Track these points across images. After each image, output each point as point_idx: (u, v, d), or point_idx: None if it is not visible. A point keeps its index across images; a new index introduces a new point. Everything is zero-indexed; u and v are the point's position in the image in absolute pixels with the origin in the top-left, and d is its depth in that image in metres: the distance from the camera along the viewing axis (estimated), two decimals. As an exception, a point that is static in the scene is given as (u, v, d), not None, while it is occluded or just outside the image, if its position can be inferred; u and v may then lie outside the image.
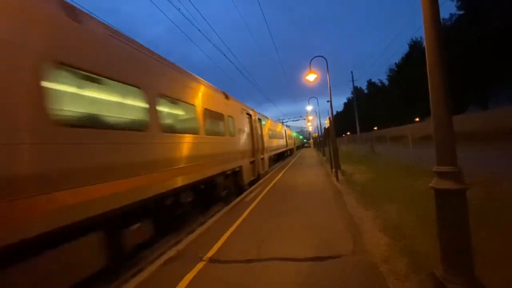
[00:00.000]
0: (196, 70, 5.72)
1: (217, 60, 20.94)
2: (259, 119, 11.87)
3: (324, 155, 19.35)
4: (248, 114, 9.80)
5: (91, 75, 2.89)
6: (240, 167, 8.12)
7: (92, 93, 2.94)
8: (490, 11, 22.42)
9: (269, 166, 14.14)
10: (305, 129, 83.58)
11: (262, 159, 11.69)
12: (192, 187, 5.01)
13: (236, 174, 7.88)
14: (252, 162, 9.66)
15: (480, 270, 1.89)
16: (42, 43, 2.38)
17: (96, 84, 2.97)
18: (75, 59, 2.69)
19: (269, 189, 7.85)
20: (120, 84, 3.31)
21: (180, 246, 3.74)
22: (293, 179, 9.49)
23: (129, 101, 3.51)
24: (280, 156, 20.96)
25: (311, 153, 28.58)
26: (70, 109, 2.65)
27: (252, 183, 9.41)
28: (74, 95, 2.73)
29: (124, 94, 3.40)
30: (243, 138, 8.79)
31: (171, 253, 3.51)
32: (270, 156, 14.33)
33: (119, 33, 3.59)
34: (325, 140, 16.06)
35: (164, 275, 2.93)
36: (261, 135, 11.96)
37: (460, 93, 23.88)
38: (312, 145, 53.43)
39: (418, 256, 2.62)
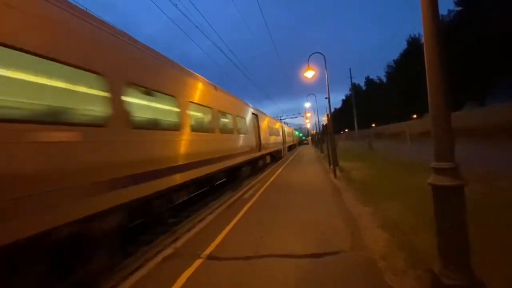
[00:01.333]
0: (195, 67, 6.03)
1: (216, 57, 20.82)
2: (283, 127, 24.28)
3: (322, 152, 19.40)
4: (282, 126, 22.43)
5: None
6: (280, 149, 19.78)
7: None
8: (490, 11, 22.41)
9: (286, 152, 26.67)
10: (303, 126, 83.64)
11: (284, 147, 23.51)
12: (273, 151, 16.64)
13: (280, 151, 19.51)
14: (282, 147, 21.12)
15: (480, 270, 1.90)
16: None
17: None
18: None
19: (268, 186, 7.86)
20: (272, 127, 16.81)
21: (178, 243, 3.73)
22: (291, 176, 9.51)
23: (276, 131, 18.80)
24: (290, 148, 32.79)
25: (309, 151, 28.58)
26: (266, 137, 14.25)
27: (279, 158, 19.52)
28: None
29: (273, 127, 17.44)
30: (280, 136, 20.45)
31: (169, 250, 3.51)
32: (287, 146, 26.65)
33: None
34: (323, 137, 16.97)
35: (162, 273, 2.92)
36: (285, 135, 24.34)
37: (459, 93, 23.98)
38: (310, 142, 53.59)
39: (417, 252, 2.63)
